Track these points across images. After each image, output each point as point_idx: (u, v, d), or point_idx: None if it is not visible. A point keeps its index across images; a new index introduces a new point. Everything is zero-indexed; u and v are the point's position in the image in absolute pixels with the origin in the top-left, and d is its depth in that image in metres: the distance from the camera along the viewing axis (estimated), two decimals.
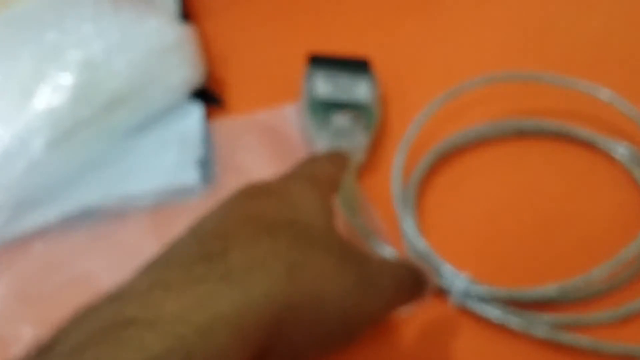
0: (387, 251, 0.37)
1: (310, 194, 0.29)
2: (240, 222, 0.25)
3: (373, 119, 0.42)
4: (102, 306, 0.21)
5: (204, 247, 0.23)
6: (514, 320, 0.34)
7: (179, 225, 0.26)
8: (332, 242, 0.27)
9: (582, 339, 0.33)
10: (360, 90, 0.44)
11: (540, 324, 0.34)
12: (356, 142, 0.41)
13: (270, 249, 0.24)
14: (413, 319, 0.35)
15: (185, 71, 0.43)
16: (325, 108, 0.42)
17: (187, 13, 0.49)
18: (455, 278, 0.35)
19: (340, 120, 0.42)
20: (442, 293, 0.35)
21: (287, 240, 0.24)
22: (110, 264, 0.37)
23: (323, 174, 0.32)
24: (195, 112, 0.43)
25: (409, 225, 0.37)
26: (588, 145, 0.42)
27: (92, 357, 0.18)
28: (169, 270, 0.22)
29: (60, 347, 0.19)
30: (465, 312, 0.35)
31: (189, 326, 0.20)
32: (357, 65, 0.45)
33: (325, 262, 0.25)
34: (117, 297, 0.21)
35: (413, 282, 0.30)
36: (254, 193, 0.28)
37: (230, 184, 0.40)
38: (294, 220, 0.26)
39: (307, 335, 0.25)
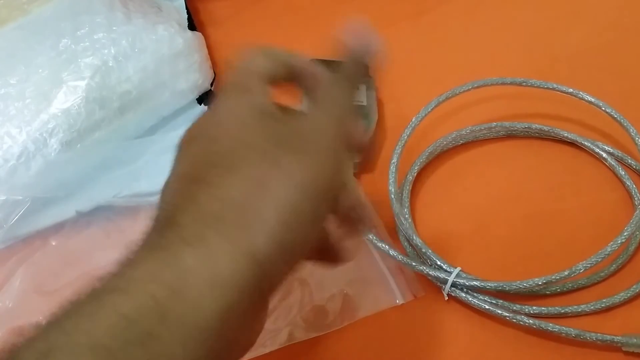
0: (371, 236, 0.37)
1: (233, 100, 0.25)
2: (179, 182, 0.24)
3: (371, 121, 0.43)
4: (86, 290, 0.22)
5: (158, 219, 0.23)
6: (502, 311, 0.35)
7: None
8: (268, 147, 0.23)
9: (566, 329, 0.34)
10: (359, 93, 0.44)
11: (526, 314, 0.35)
12: None
13: (211, 199, 0.22)
14: (409, 309, 0.36)
15: (193, 76, 0.43)
16: None
17: (194, 21, 0.49)
18: (448, 271, 0.36)
19: None
20: (435, 285, 0.37)
21: (222, 181, 0.22)
22: None
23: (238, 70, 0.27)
24: None
25: (404, 222, 0.38)
26: (573, 146, 0.43)
27: (73, 321, 0.19)
28: (133, 251, 0.22)
29: (55, 318, 0.20)
30: (457, 302, 0.36)
31: (159, 285, 0.20)
32: None
33: (271, 177, 0.23)
34: (97, 280, 0.22)
35: (358, 74, 0.28)
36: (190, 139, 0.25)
37: None
38: (225, 148, 0.23)
39: (298, 243, 0.23)
